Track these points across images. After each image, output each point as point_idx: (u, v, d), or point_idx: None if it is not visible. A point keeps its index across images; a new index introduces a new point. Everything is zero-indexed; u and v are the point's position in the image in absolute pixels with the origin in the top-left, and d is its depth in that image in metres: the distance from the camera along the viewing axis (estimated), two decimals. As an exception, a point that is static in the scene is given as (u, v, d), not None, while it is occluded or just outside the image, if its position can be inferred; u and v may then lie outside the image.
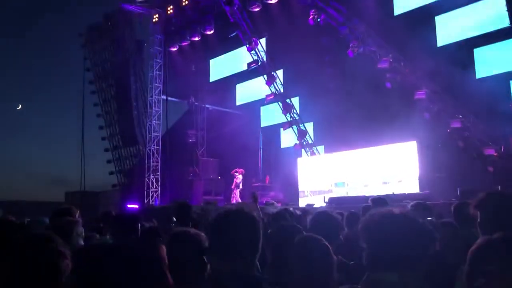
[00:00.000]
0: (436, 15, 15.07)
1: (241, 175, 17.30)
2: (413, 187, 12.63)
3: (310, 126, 18.35)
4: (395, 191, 12.09)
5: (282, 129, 18.61)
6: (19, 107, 31.51)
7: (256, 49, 17.95)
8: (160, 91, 20.42)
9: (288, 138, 18.93)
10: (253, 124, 21.02)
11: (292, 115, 17.84)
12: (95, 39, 25.61)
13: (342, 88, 15.94)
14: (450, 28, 14.90)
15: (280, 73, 18.77)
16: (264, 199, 15.27)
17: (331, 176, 15.29)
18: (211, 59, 23.00)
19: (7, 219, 3.70)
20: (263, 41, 18.86)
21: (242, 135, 19.05)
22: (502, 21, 13.33)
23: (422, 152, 12.94)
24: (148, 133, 20.36)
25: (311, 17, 15.55)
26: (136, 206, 18.04)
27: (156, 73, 20.37)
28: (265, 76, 18.01)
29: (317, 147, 17.70)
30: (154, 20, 20.56)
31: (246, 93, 22.09)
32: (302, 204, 14.43)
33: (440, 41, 15.04)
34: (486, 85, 13.18)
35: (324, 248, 2.42)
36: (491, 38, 13.83)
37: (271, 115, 20.24)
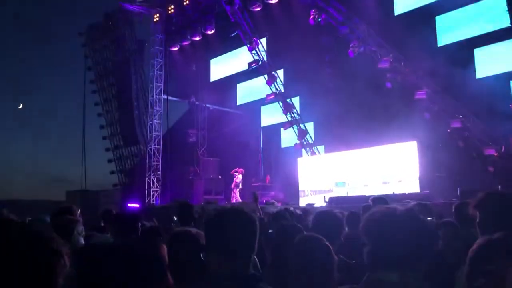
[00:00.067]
0: (437, 15, 15.10)
1: (240, 174, 17.31)
2: (413, 187, 12.61)
3: (310, 126, 18.35)
4: (395, 191, 12.06)
5: (282, 128, 18.60)
6: (20, 106, 31.53)
7: (256, 48, 17.95)
8: (161, 90, 20.43)
9: (288, 138, 18.93)
10: (253, 124, 21.03)
11: (292, 115, 17.83)
12: (95, 38, 25.60)
13: (343, 88, 15.92)
14: (451, 28, 14.91)
15: (280, 72, 18.78)
16: (264, 199, 15.28)
17: (331, 176, 15.29)
18: (211, 58, 23.04)
19: (7, 218, 3.71)
20: (263, 40, 18.86)
21: (243, 135, 19.05)
22: (503, 21, 13.34)
23: (422, 152, 12.92)
24: (149, 132, 20.37)
25: (312, 16, 15.56)
26: (137, 206, 18.05)
27: (157, 72, 20.38)
28: (265, 75, 18.02)
29: (317, 146, 17.70)
30: (155, 19, 20.57)
31: (246, 92, 22.11)
32: (302, 203, 14.41)
33: (441, 41, 15.06)
34: (486, 85, 13.18)
35: (324, 248, 2.42)
36: (492, 38, 13.83)
37: (271, 114, 20.24)
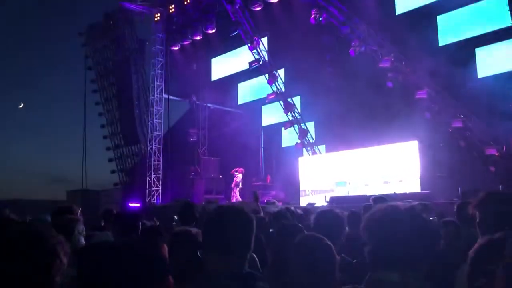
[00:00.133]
0: (438, 14, 15.07)
1: (240, 174, 17.29)
2: (414, 186, 12.60)
3: (311, 125, 18.34)
4: (396, 190, 12.04)
5: (283, 128, 18.58)
6: (21, 106, 31.58)
7: (257, 48, 17.94)
8: (161, 89, 20.43)
9: (289, 137, 18.91)
10: (254, 123, 21.00)
11: (293, 114, 17.83)
12: (96, 38, 25.60)
13: (344, 88, 15.91)
14: (452, 28, 14.89)
15: (281, 72, 18.77)
16: (265, 198, 15.28)
17: (332, 176, 15.28)
18: (212, 58, 23.02)
19: (8, 217, 3.71)
20: (264, 40, 18.86)
21: (244, 134, 19.03)
22: (504, 20, 13.31)
23: (424, 152, 12.91)
24: (149, 131, 20.37)
25: (313, 16, 15.54)
26: (138, 205, 18.06)
27: (157, 72, 20.37)
28: (266, 75, 18.01)
29: (318, 146, 17.69)
30: (156, 19, 20.56)
31: (247, 92, 22.10)
32: (303, 203, 14.41)
33: (442, 40, 15.03)
34: (487, 84, 13.16)
35: (326, 248, 2.41)
36: (493, 38, 13.80)
37: (272, 114, 20.23)
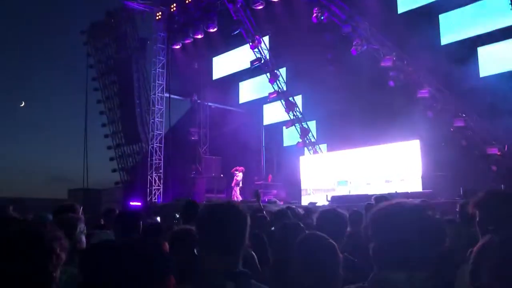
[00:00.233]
0: (440, 13, 15.04)
1: (241, 173, 17.28)
2: (416, 185, 12.60)
3: (312, 124, 18.32)
4: (398, 189, 12.04)
5: (284, 127, 18.57)
6: (22, 104, 31.63)
7: (259, 47, 17.93)
8: (163, 88, 20.43)
9: (290, 136, 18.91)
10: (255, 122, 21.00)
11: (295, 113, 17.81)
12: (98, 36, 25.61)
13: (345, 87, 15.89)
14: (454, 27, 14.85)
15: (283, 71, 18.76)
16: (266, 197, 15.30)
17: (333, 175, 15.28)
18: (214, 57, 23.02)
19: (9, 216, 3.72)
20: (266, 39, 18.83)
21: (245, 133, 19.03)
22: (506, 19, 13.28)
23: (425, 151, 12.90)
24: (150, 130, 20.38)
25: (315, 15, 15.53)
26: (139, 204, 18.08)
27: (159, 70, 20.38)
28: (268, 74, 18.00)
29: (319, 145, 17.68)
30: (157, 17, 20.56)
31: (249, 91, 22.09)
32: (304, 202, 14.41)
33: (444, 39, 15.00)
34: (489, 83, 13.13)
35: (330, 247, 2.40)
36: (495, 37, 13.77)
37: (273, 113, 20.22)
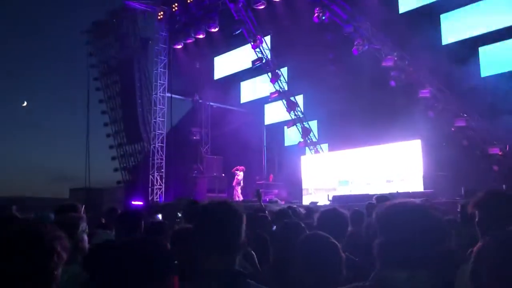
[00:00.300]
0: (441, 13, 15.04)
1: (241, 172, 17.28)
2: (417, 185, 12.59)
3: (314, 124, 18.33)
4: (399, 189, 12.03)
5: (286, 127, 18.59)
6: (25, 104, 31.68)
7: (260, 46, 17.94)
8: (164, 88, 20.45)
9: (292, 136, 18.91)
10: (257, 122, 21.00)
11: (296, 113, 17.82)
12: (99, 36, 25.65)
13: (347, 86, 15.89)
14: (455, 26, 14.84)
15: (284, 70, 18.77)
16: (267, 197, 15.31)
17: (335, 174, 15.28)
18: (215, 56, 23.05)
19: (12, 215, 3.73)
20: (267, 38, 18.85)
21: (246, 133, 19.03)
22: (508, 19, 13.27)
23: (426, 151, 12.89)
24: (152, 130, 20.41)
25: (316, 14, 15.53)
26: (141, 203, 18.11)
27: (160, 70, 20.40)
28: (269, 73, 18.01)
29: (321, 145, 17.69)
30: (159, 17, 20.58)
31: (250, 90, 22.10)
32: (305, 202, 14.41)
33: (445, 39, 15.00)
34: (491, 83, 13.13)
35: (332, 246, 2.40)
36: (497, 37, 13.76)
37: (275, 113, 20.23)
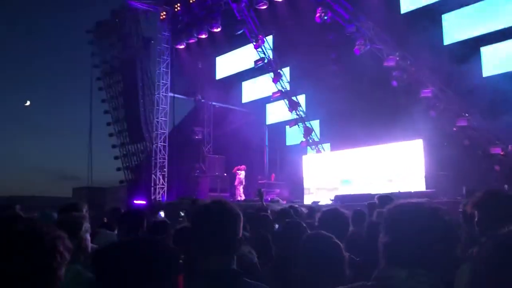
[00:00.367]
0: (443, 13, 15.03)
1: (243, 171, 17.32)
2: (419, 185, 12.60)
3: (316, 124, 18.34)
4: (401, 189, 12.01)
5: (288, 126, 18.60)
6: (27, 104, 31.78)
7: (262, 46, 17.97)
8: (167, 88, 20.49)
9: (294, 136, 18.91)
10: (259, 122, 21.03)
11: (298, 113, 17.83)
12: (102, 36, 25.72)
13: (348, 86, 15.89)
14: (457, 26, 14.84)
15: (286, 70, 18.77)
16: (269, 196, 15.32)
17: (336, 174, 15.29)
18: (217, 56, 23.08)
19: (16, 214, 3.76)
20: (269, 38, 18.86)
21: (248, 132, 19.05)
22: (510, 19, 13.26)
23: (428, 150, 12.90)
24: (154, 129, 20.46)
25: (318, 14, 15.54)
26: (143, 202, 18.15)
27: (163, 70, 20.44)
28: (271, 73, 18.02)
29: (323, 144, 17.69)
30: (162, 17, 20.62)
31: (252, 90, 22.11)
32: (307, 201, 14.43)
33: (447, 39, 14.99)
34: (492, 83, 13.11)
35: (335, 246, 2.40)
36: (498, 37, 13.75)
37: (277, 112, 20.24)
